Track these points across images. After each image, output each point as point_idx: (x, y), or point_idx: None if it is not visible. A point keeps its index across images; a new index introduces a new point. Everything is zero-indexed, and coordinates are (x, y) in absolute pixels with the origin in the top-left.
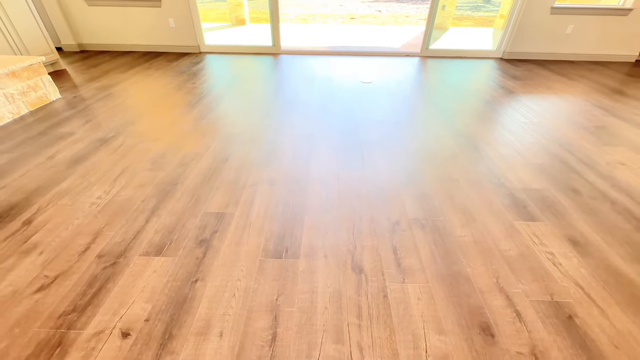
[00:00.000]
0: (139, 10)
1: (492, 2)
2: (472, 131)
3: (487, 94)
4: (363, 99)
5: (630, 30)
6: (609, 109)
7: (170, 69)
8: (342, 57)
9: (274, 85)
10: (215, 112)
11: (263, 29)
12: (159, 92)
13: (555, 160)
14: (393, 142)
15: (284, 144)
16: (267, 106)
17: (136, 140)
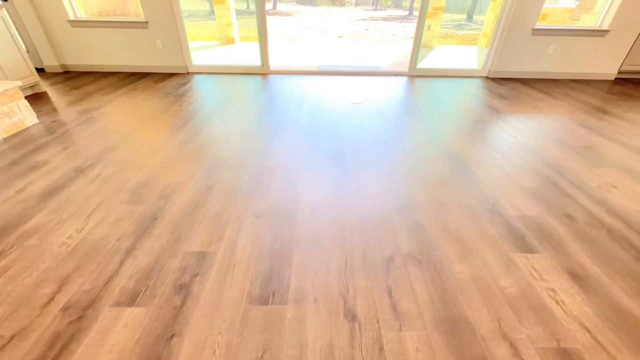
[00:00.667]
0: (125, 31)
1: (475, 21)
2: (462, 152)
3: (475, 114)
4: (353, 120)
5: (608, 50)
6: (595, 128)
7: (156, 91)
8: (331, 76)
9: (262, 107)
10: (201, 136)
11: (252, 48)
12: (144, 115)
13: (547, 183)
14: (384, 165)
15: (272, 169)
16: (255, 128)
17: (116, 168)
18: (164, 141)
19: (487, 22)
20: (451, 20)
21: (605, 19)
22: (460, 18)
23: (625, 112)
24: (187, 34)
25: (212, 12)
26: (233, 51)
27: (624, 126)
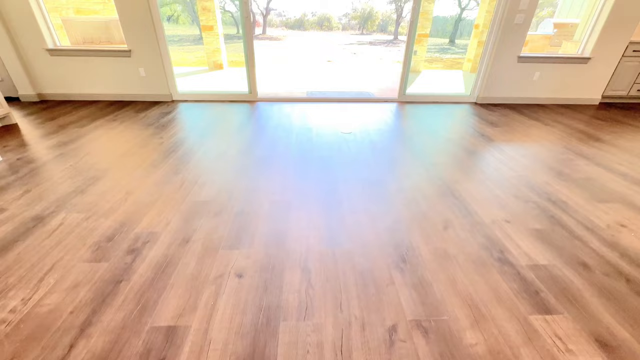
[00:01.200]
0: (107, 60)
1: (457, 45)
2: (461, 189)
3: (468, 143)
4: (344, 152)
5: (591, 76)
6: (591, 157)
7: (136, 121)
8: (320, 103)
9: (248, 139)
10: (180, 174)
11: (241, 73)
12: (120, 151)
13: (554, 223)
14: (379, 206)
15: (257, 214)
16: (241, 164)
17: (81, 216)
18: (139, 181)
19: (470, 48)
20: (435, 44)
21: (586, 47)
22: (443, 42)
23: (617, 139)
24: (175, 60)
25: (201, 37)
26: (221, 77)
27: (618, 154)
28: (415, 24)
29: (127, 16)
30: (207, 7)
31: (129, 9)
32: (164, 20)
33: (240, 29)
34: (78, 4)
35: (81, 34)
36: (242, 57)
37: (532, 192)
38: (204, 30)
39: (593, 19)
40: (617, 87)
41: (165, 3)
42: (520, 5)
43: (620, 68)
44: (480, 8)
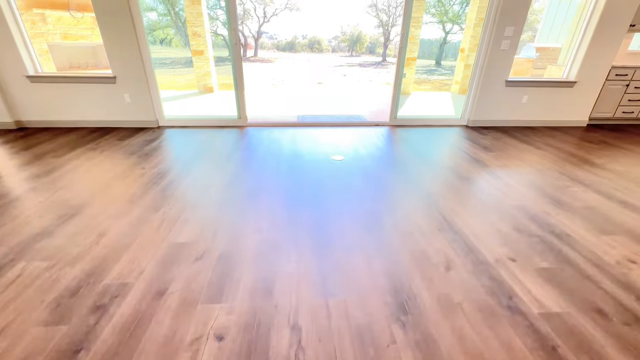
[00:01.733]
0: (90, 86)
1: (443, 66)
2: (460, 223)
3: (463, 169)
4: (336, 182)
5: (577, 99)
6: (587, 183)
7: (119, 150)
8: (311, 128)
9: (237, 168)
10: (162, 209)
11: (232, 97)
12: (98, 183)
13: (562, 260)
14: (374, 243)
15: (242, 257)
16: (227, 197)
17: (44, 264)
18: (114, 220)
19: (457, 70)
20: (422, 65)
21: (571, 71)
22: (430, 64)
23: (610, 163)
24: (165, 83)
25: (192, 61)
26: (211, 100)
27: (614, 180)
28: (404, 49)
29: (112, 42)
30: (198, 32)
31: (114, 35)
32: (157, 43)
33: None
34: (65, 30)
35: (67, 59)
36: (231, 80)
37: (534, 224)
38: (194, 54)
39: (576, 45)
40: (603, 110)
41: (158, 27)
42: (505, 32)
43: (605, 91)
44: (465, 33)
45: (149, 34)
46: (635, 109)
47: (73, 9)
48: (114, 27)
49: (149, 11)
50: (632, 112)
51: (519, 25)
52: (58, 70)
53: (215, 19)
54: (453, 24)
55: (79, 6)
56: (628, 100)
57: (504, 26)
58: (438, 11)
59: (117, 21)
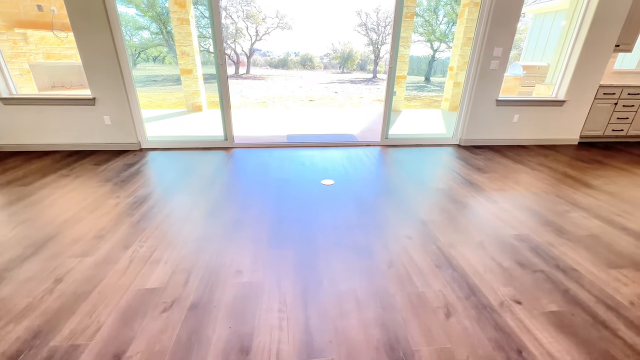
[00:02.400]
0: (68, 108)
1: (432, 82)
2: (458, 256)
3: (458, 194)
4: (325, 210)
5: (567, 118)
6: (587, 207)
7: (94, 176)
8: (301, 149)
9: (220, 195)
10: (132, 247)
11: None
12: (65, 216)
13: (570, 302)
14: (366, 286)
15: (217, 307)
16: (207, 230)
17: None
18: (76, 261)
19: (447, 88)
20: (412, 82)
21: (560, 90)
22: (419, 80)
23: (607, 185)
24: (156, 102)
25: (180, 80)
26: (200, 119)
27: (613, 203)
28: (394, 69)
29: (91, 62)
30: (186, 51)
31: (94, 54)
32: (150, 60)
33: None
34: (49, 49)
35: (50, 78)
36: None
37: (537, 257)
38: (183, 73)
39: (563, 64)
40: (593, 128)
41: (151, 45)
42: (494, 52)
43: (594, 110)
44: (453, 52)
45: (142, 52)
46: (625, 126)
47: (57, 29)
48: (93, 46)
49: (141, 30)
50: (621, 130)
51: (507, 45)
52: (39, 90)
53: (208, 38)
54: (440, 42)
55: (64, 26)
56: (617, 118)
57: (493, 46)
58: (426, 30)
59: (96, 40)
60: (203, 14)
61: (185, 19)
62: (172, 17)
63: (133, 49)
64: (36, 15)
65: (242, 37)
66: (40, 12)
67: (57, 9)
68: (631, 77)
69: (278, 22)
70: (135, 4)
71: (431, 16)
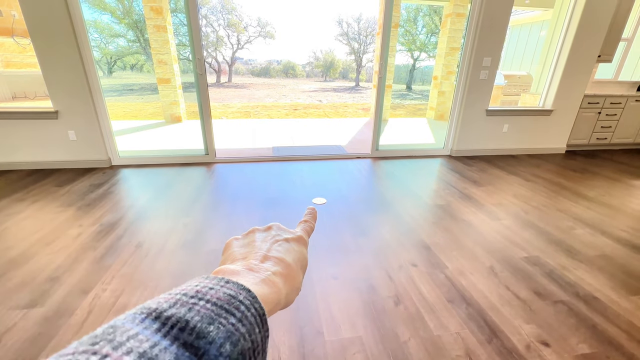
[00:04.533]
0: (27, 122)
1: (414, 90)
2: (470, 287)
3: (457, 210)
4: (319, 234)
5: (555, 127)
6: (590, 223)
7: (54, 200)
8: (288, 163)
9: (199, 220)
10: (92, 292)
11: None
12: (14, 252)
13: (601, 340)
14: (375, 332)
15: None
16: (181, 268)
17: None
18: (19, 316)
19: (432, 97)
20: (394, 90)
21: (547, 100)
22: (401, 88)
23: (602, 196)
24: (132, 112)
25: (157, 90)
26: (179, 131)
27: (615, 217)
28: (384, 79)
29: (52, 72)
30: (164, 60)
31: (56, 64)
32: (127, 69)
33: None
34: (8, 57)
35: (10, 88)
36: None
37: (554, 285)
38: (160, 82)
39: (549, 75)
40: (579, 137)
41: (128, 53)
42: (483, 62)
43: (579, 119)
44: (436, 62)
45: (118, 60)
46: (608, 135)
47: (18, 35)
48: (55, 54)
49: (117, 37)
50: (605, 138)
51: (497, 55)
52: None
53: (187, 46)
54: (420, 52)
55: (26, 32)
56: (601, 127)
57: (482, 56)
58: (406, 40)
59: (58, 48)
60: (182, 22)
61: (162, 26)
62: (148, 24)
63: (109, 56)
64: None
65: (224, 45)
66: (0, 16)
67: (19, 13)
68: (611, 86)
69: (260, 31)
70: (110, 11)
71: (411, 26)
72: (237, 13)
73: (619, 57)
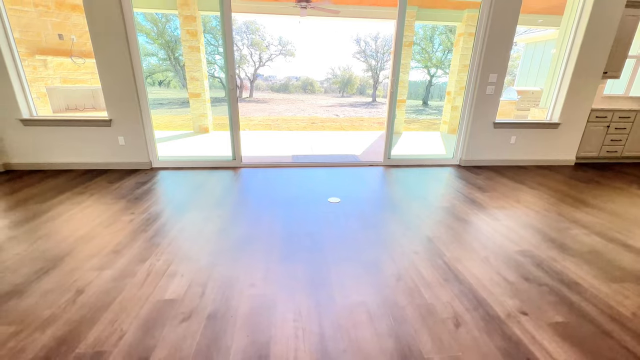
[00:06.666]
0: (85, 129)
1: (430, 106)
2: (464, 270)
3: (461, 211)
4: (333, 226)
5: (563, 140)
6: (587, 225)
7: (108, 193)
8: (306, 169)
9: (230, 212)
10: (148, 261)
11: (226, 137)
12: (82, 231)
13: (575, 313)
14: (377, 299)
15: (234, 317)
16: (219, 246)
17: (10, 330)
18: (94, 274)
19: (445, 111)
20: (411, 106)
21: (554, 113)
22: (418, 103)
23: (605, 203)
24: (162, 124)
25: (189, 103)
26: (207, 140)
27: (612, 220)
28: (395, 95)
29: (110, 86)
30: (196, 77)
31: (113, 79)
32: (156, 84)
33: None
34: (65, 74)
35: (65, 101)
36: (227, 121)
37: (541, 272)
38: (192, 97)
39: (555, 90)
40: (589, 149)
41: (158, 70)
42: (489, 79)
43: (588, 132)
44: (450, 78)
45: (148, 77)
46: (619, 148)
47: (75, 55)
48: (113, 71)
49: (149, 56)
50: (615, 151)
51: (502, 72)
52: (54, 112)
53: (213, 63)
54: (437, 69)
55: (82, 53)
56: (610, 140)
57: (488, 73)
58: (422, 57)
59: (116, 65)
60: (209, 42)
61: (196, 46)
62: (184, 45)
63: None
64: (57, 43)
65: (247, 62)
66: (60, 40)
67: (77, 37)
68: (621, 101)
69: (281, 50)
70: (145, 32)
71: (427, 45)
72: (260, 33)
73: (629, 74)
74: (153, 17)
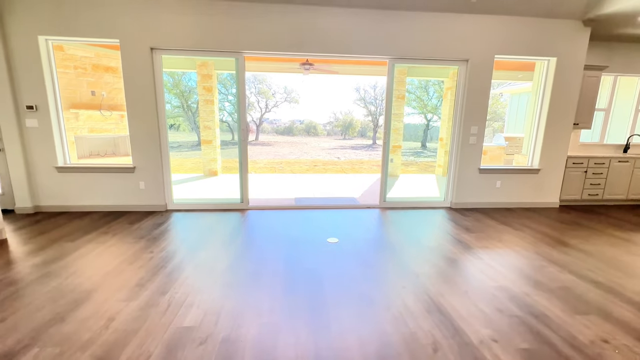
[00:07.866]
0: (111, 175)
1: (428, 148)
2: (446, 303)
3: (448, 251)
4: (331, 265)
5: (544, 184)
6: (562, 264)
7: (129, 233)
8: (308, 211)
9: (239, 251)
10: (168, 294)
11: (233, 180)
12: (108, 267)
13: (540, 341)
14: (367, 327)
15: (244, 341)
16: (229, 281)
17: (55, 351)
18: (123, 305)
19: (439, 155)
20: (409, 148)
21: (534, 160)
22: (416, 146)
23: (582, 244)
24: (174, 167)
25: (199, 146)
26: (215, 183)
27: (586, 260)
28: (387, 144)
29: (138, 137)
30: (209, 125)
31: (140, 129)
32: (167, 129)
33: (235, 136)
34: (92, 124)
35: (89, 148)
36: (235, 163)
37: (515, 305)
38: (204, 143)
39: (533, 138)
40: (570, 193)
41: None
42: (471, 130)
43: (568, 177)
44: (441, 125)
45: None
46: (599, 191)
47: (104, 109)
48: (142, 123)
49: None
50: (597, 195)
51: (482, 124)
52: (79, 158)
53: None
54: (433, 114)
55: (110, 106)
56: (590, 184)
57: (469, 125)
58: (418, 104)
59: (145, 117)
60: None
61: (210, 100)
62: (200, 99)
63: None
64: (89, 98)
65: (253, 109)
66: (93, 96)
67: (107, 93)
68: (596, 148)
69: (286, 97)
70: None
71: (422, 93)
72: (267, 83)
73: (600, 124)
74: (171, 71)
